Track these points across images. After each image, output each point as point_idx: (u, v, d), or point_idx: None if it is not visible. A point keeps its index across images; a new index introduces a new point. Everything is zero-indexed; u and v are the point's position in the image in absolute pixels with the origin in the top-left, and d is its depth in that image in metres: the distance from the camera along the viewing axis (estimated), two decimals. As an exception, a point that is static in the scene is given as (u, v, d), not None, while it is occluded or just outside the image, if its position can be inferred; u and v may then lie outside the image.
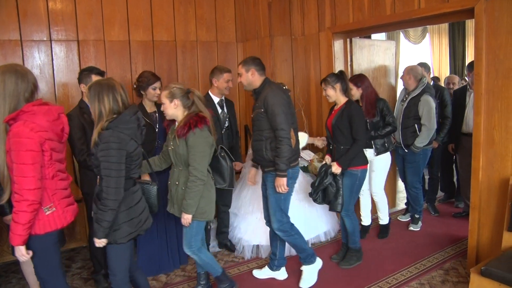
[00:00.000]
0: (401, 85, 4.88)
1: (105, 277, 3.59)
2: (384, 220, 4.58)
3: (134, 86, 3.82)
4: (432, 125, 4.50)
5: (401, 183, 5.33)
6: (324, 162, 3.87)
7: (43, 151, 2.31)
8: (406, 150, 4.65)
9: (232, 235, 4.42)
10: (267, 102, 3.25)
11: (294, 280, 3.66)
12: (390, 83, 5.31)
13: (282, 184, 3.28)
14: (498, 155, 3.35)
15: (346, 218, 3.87)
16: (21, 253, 2.31)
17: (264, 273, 3.74)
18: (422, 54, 9.36)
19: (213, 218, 3.37)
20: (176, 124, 3.08)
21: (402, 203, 5.60)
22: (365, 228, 4.59)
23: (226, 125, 4.17)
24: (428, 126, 4.48)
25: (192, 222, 3.07)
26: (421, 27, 8.81)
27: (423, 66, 5.18)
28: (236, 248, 4.32)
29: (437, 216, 5.23)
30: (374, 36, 6.23)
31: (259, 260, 4.11)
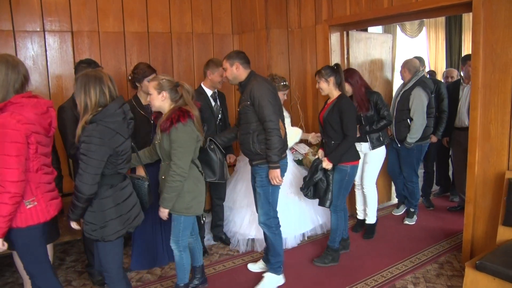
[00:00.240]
0: (398, 79, 4.86)
1: (100, 271, 3.57)
2: (371, 219, 4.46)
3: (129, 78, 3.78)
4: (421, 120, 4.45)
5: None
6: (317, 157, 3.84)
7: (29, 144, 2.29)
8: (399, 145, 4.64)
9: (227, 229, 4.41)
10: (253, 95, 3.20)
11: (290, 272, 3.65)
12: (386, 77, 5.30)
13: (277, 176, 3.24)
14: (494, 150, 3.36)
15: (333, 214, 3.82)
16: None
17: (259, 267, 3.74)
18: (419, 48, 9.32)
19: (204, 212, 3.29)
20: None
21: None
22: (360, 222, 4.59)
23: (219, 118, 4.14)
24: (416, 121, 4.44)
25: (180, 217, 3.04)
26: (418, 21, 8.79)
27: (419, 60, 5.15)
28: (231, 242, 4.31)
29: (432, 210, 5.24)
30: (371, 29, 6.21)
31: (254, 254, 4.11)
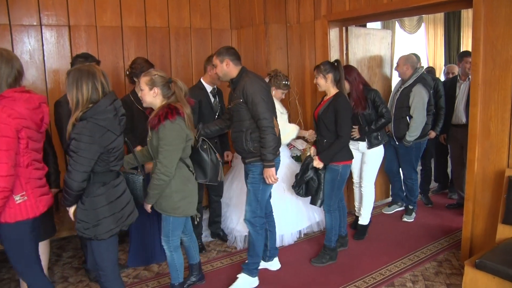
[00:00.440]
0: (397, 76, 4.81)
1: (93, 269, 3.54)
2: (364, 220, 4.38)
3: (127, 73, 3.76)
4: (421, 118, 4.42)
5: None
6: (308, 154, 3.78)
7: (19, 139, 2.27)
8: (398, 143, 4.60)
9: (224, 225, 4.40)
10: (246, 92, 3.12)
11: (288, 271, 3.64)
12: (385, 73, 5.27)
13: (272, 175, 3.19)
14: (494, 147, 3.33)
15: (327, 214, 3.76)
16: None
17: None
18: (417, 44, 9.29)
19: (198, 212, 3.21)
20: None
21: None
22: (358, 220, 4.56)
23: (218, 114, 4.10)
24: (416, 118, 4.40)
25: (168, 217, 3.00)
26: (417, 17, 8.76)
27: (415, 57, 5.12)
28: (229, 238, 4.29)
29: (431, 207, 5.23)
30: (370, 25, 6.16)
31: (252, 250, 4.09)
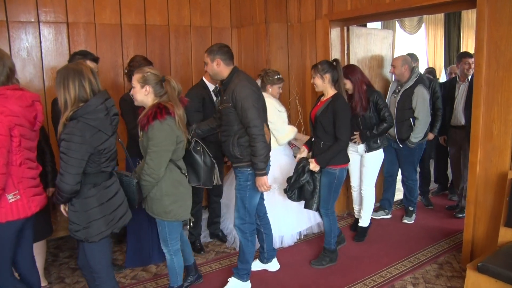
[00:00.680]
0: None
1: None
2: (364, 222, 4.32)
3: (126, 71, 3.72)
4: (426, 118, 4.40)
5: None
6: (303, 157, 3.67)
7: (12, 137, 2.24)
8: (401, 145, 4.54)
9: (224, 226, 4.36)
10: (235, 97, 2.99)
11: (287, 272, 3.61)
12: (386, 74, 5.23)
13: (264, 183, 3.10)
14: (497, 149, 3.30)
15: (325, 217, 3.70)
16: None
17: (256, 266, 3.66)
18: (417, 45, 9.27)
19: (192, 216, 3.14)
20: None
21: (397, 196, 5.42)
22: (358, 221, 4.50)
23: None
24: (421, 120, 4.36)
25: (163, 222, 2.95)
26: (417, 17, 8.73)
27: (411, 57, 5.07)
28: (228, 239, 4.26)
29: (431, 209, 5.19)
30: (370, 25, 6.13)
31: (251, 251, 4.05)
